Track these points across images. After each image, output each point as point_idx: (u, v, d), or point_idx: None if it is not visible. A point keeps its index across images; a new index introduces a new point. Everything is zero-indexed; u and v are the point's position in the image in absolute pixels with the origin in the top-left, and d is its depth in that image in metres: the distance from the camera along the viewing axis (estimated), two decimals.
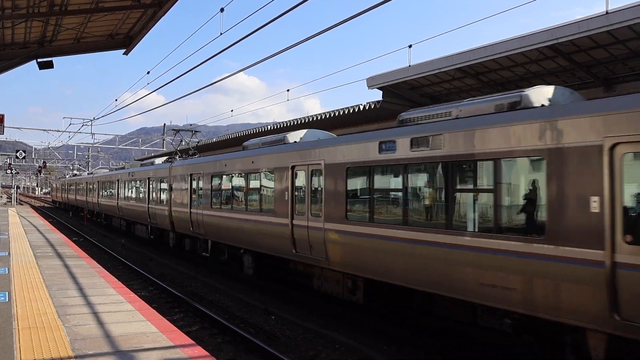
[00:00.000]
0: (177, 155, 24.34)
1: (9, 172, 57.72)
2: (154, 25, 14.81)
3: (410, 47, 15.09)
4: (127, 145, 57.13)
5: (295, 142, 13.29)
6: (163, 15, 13.89)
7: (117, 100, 27.18)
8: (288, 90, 21.95)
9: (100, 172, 43.99)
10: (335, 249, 10.80)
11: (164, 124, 57.65)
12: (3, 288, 9.74)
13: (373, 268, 9.82)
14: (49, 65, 15.38)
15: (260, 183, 13.95)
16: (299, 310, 12.05)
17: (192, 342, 6.69)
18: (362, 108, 17.33)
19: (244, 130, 26.90)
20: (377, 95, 18.99)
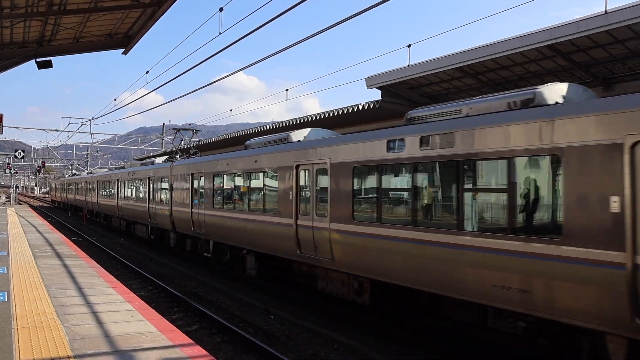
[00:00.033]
0: (177, 155, 24.16)
1: (8, 171, 57.72)
2: (153, 25, 14.82)
3: (410, 46, 15.14)
4: (125, 145, 57.17)
5: (299, 141, 13.08)
6: (162, 15, 13.90)
7: (116, 100, 27.25)
8: (287, 90, 21.94)
9: (100, 171, 43.88)
10: (342, 250, 10.59)
11: (163, 124, 57.67)
12: (2, 288, 9.74)
13: (381, 269, 9.61)
14: (48, 65, 15.36)
15: (264, 183, 13.78)
16: (299, 310, 12.05)
17: (191, 341, 6.69)
18: (361, 108, 17.32)
19: (245, 130, 26.63)
20: (375, 95, 19.01)
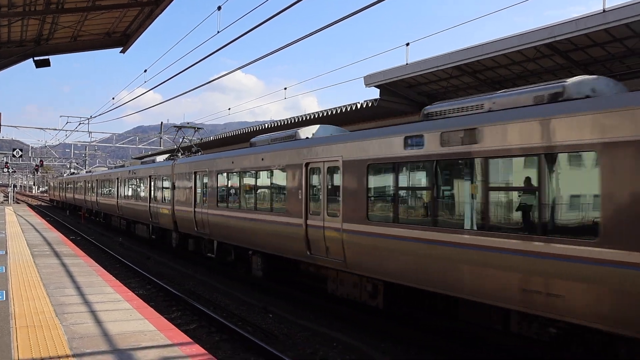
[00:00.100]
0: (179, 153, 23.79)
1: (6, 170, 57.67)
2: (151, 24, 14.78)
3: (408, 45, 15.13)
4: (124, 144, 57.08)
5: (308, 138, 12.61)
6: (160, 14, 13.87)
7: (114, 99, 27.18)
8: (285, 89, 21.98)
9: (99, 170, 43.63)
10: (355, 251, 10.14)
11: (161, 123, 57.68)
12: (0, 287, 9.74)
13: (396, 271, 9.23)
14: (46, 64, 15.34)
15: (271, 181, 13.39)
16: (299, 310, 12.02)
17: (190, 340, 6.70)
18: (359, 106, 17.33)
19: (246, 128, 26.31)
20: (374, 94, 18.99)
